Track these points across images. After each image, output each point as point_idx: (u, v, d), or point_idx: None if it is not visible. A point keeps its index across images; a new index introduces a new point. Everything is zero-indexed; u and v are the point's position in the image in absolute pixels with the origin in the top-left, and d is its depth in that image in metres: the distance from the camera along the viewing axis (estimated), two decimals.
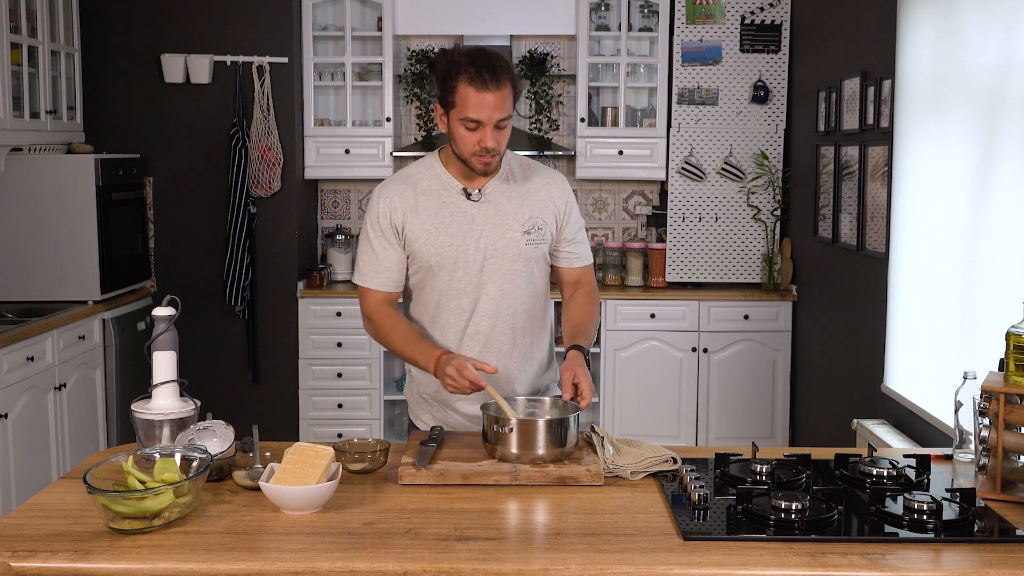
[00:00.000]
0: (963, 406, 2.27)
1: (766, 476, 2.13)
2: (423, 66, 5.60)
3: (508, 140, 2.45)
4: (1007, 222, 2.96)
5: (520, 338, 2.56)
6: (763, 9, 5.39)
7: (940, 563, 1.74)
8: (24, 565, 1.71)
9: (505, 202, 2.51)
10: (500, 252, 2.49)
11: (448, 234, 2.48)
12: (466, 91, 2.34)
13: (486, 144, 2.37)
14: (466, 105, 2.35)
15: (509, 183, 2.53)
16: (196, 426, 2.13)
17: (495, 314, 2.51)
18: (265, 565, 1.71)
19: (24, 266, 4.74)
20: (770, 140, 5.48)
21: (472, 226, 2.48)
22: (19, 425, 4.08)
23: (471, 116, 2.35)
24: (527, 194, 2.53)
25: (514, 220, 2.50)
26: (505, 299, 2.52)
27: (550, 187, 2.57)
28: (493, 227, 2.49)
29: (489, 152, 2.39)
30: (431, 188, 2.51)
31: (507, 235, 2.50)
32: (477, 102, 2.34)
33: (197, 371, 4.97)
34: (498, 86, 2.34)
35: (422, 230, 2.48)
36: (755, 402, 5.44)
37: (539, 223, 2.52)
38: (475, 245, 2.48)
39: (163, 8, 5.29)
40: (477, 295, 2.50)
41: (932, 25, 3.49)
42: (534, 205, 2.53)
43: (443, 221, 2.48)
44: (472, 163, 2.43)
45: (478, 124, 2.36)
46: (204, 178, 5.38)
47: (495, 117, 2.36)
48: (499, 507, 2.00)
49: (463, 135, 2.39)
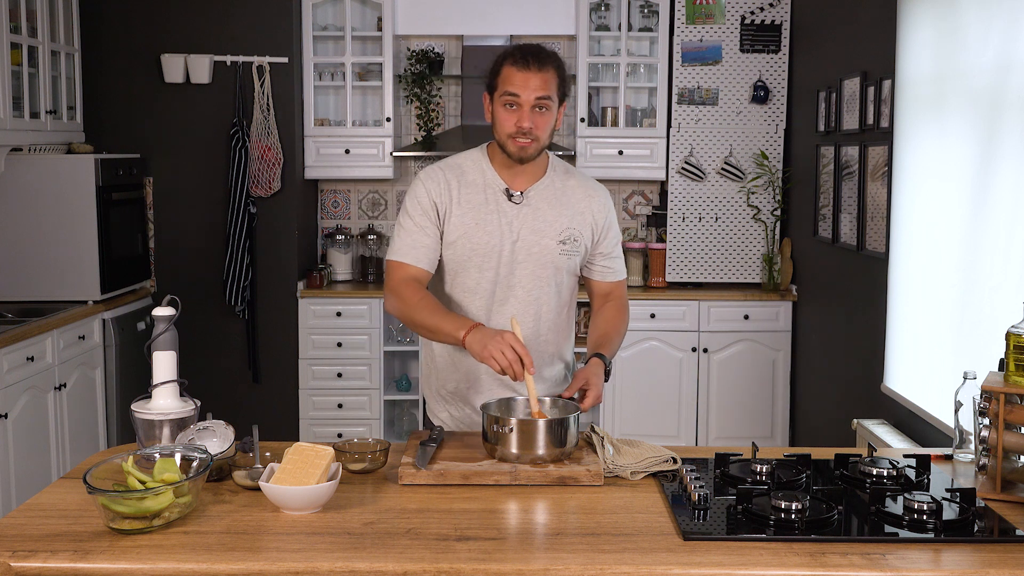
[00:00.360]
0: (963, 406, 2.27)
1: (766, 476, 2.13)
2: (423, 66, 5.60)
3: (550, 133, 2.44)
4: (1007, 222, 2.96)
5: (542, 345, 2.56)
6: (763, 9, 5.39)
7: (940, 563, 1.74)
8: (24, 565, 1.71)
9: (545, 208, 2.51)
10: (534, 257, 2.50)
11: (486, 232, 2.48)
12: (508, 70, 2.39)
13: (523, 124, 2.38)
14: (506, 81, 2.39)
15: (552, 189, 2.53)
16: (196, 426, 2.13)
17: (520, 316, 2.51)
18: (265, 565, 1.71)
19: (24, 266, 4.74)
20: (770, 140, 5.48)
21: (510, 228, 2.48)
22: (19, 425, 4.08)
23: (509, 90, 2.37)
24: (568, 203, 2.53)
25: (551, 228, 2.50)
26: (532, 304, 2.52)
27: (591, 199, 2.56)
28: (530, 232, 2.49)
29: (525, 134, 2.39)
30: (475, 182, 2.50)
31: (542, 241, 2.50)
32: (517, 78, 2.37)
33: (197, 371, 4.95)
34: (540, 68, 2.38)
35: (461, 223, 2.48)
36: (755, 402, 5.44)
37: (575, 234, 2.52)
38: (510, 247, 2.48)
39: (163, 8, 5.29)
40: (505, 296, 2.51)
41: (932, 25, 3.49)
42: (573, 216, 2.52)
43: (482, 218, 2.48)
44: (508, 146, 2.42)
45: (516, 101, 2.37)
46: (204, 178, 5.38)
47: (533, 95, 2.37)
48: (499, 507, 2.00)
49: (502, 116, 2.40)
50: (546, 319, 2.55)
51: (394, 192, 5.93)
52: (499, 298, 2.51)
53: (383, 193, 5.94)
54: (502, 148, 2.45)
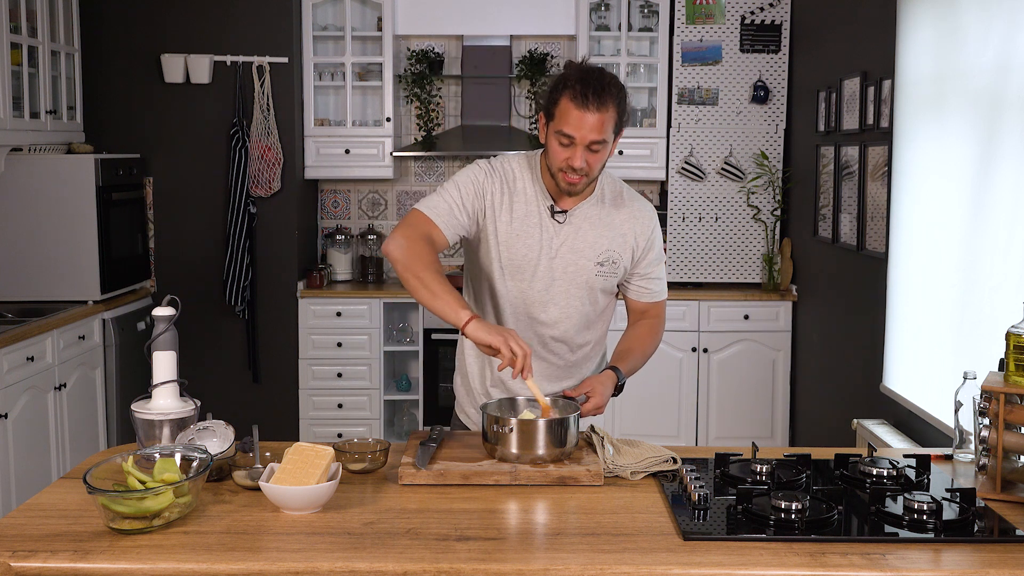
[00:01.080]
0: (963, 406, 2.27)
1: (766, 476, 2.13)
2: (423, 66, 5.60)
3: (603, 166, 2.41)
4: (1007, 222, 2.96)
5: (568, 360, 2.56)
6: (763, 9, 5.39)
7: (940, 563, 1.74)
8: (24, 565, 1.71)
9: (587, 228, 2.49)
10: (569, 276, 2.49)
11: (525, 244, 2.46)
12: (567, 106, 2.31)
13: (573, 163, 2.34)
14: (563, 120, 2.32)
15: (598, 209, 2.51)
16: (196, 426, 2.13)
17: (548, 332, 2.51)
18: (265, 565, 1.71)
19: (24, 266, 4.74)
20: (770, 140, 5.48)
21: (550, 244, 2.47)
22: (19, 425, 4.08)
23: (564, 131, 2.31)
24: (611, 225, 2.51)
25: (591, 249, 2.49)
26: (563, 322, 2.51)
27: (635, 221, 2.54)
28: (569, 251, 2.48)
29: (576, 172, 2.35)
30: (525, 192, 2.48)
31: (579, 262, 2.48)
32: (574, 119, 2.30)
33: (197, 371, 4.97)
34: (599, 108, 2.29)
35: (506, 231, 2.46)
36: (755, 402, 5.44)
37: (614, 256, 2.50)
38: (547, 263, 2.47)
39: (163, 8, 5.29)
40: (536, 311, 2.50)
41: (932, 25, 3.49)
42: (614, 238, 2.51)
43: (524, 230, 2.46)
44: (558, 179, 2.39)
45: (571, 141, 2.32)
46: (204, 178, 5.38)
47: (588, 137, 2.31)
48: (499, 507, 2.00)
49: (555, 149, 2.36)
50: (572, 338, 2.54)
51: (394, 192, 5.93)
52: (528, 311, 2.50)
53: (383, 193, 5.94)
54: (552, 177, 2.42)
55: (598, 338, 2.63)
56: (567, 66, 2.39)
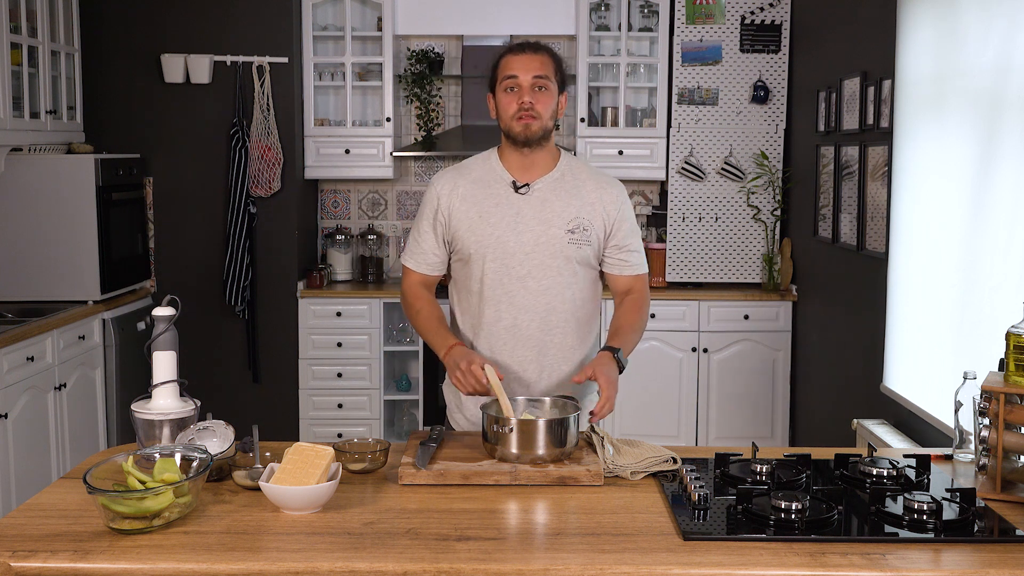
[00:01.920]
0: (963, 406, 2.27)
1: (766, 476, 2.13)
2: (423, 66, 5.60)
3: (552, 114, 2.50)
4: (1007, 222, 2.96)
5: (557, 337, 2.56)
6: (763, 9, 5.39)
7: (940, 563, 1.74)
8: (24, 565, 1.71)
9: (553, 199, 2.52)
10: (542, 248, 2.50)
11: (490, 224, 2.51)
12: (505, 60, 2.49)
13: (523, 99, 2.44)
14: (505, 68, 2.48)
15: (561, 181, 2.55)
16: (196, 426, 2.13)
17: (532, 308, 2.52)
18: (265, 565, 1.71)
19: (24, 266, 4.74)
20: (770, 140, 5.48)
21: (516, 218, 2.51)
22: (19, 425, 4.08)
23: (508, 73, 2.46)
24: (578, 195, 2.54)
25: (559, 217, 2.51)
26: (544, 295, 2.52)
27: (603, 191, 2.57)
28: (537, 222, 2.51)
29: (528, 111, 2.45)
30: (482, 178, 2.55)
31: (550, 231, 2.50)
32: (515, 62, 2.47)
33: (197, 371, 4.96)
34: (535, 52, 2.48)
35: (466, 217, 2.52)
36: (755, 402, 5.44)
37: (584, 224, 2.52)
38: (516, 238, 2.50)
39: (163, 8, 5.29)
40: (516, 287, 2.51)
41: (932, 25, 3.49)
42: (582, 206, 2.53)
43: (487, 211, 2.51)
44: (513, 128, 2.47)
45: (515, 83, 2.45)
46: (204, 178, 5.38)
47: (530, 74, 2.44)
48: (499, 507, 2.00)
49: (504, 100, 2.48)
50: (559, 312, 2.54)
51: (394, 192, 5.93)
52: (510, 290, 2.52)
53: (383, 193, 5.94)
54: (508, 135, 2.50)
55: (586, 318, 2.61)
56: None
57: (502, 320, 2.53)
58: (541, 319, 2.53)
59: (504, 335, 2.53)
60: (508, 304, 2.52)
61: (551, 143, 2.56)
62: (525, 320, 2.52)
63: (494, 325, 2.53)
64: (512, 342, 2.53)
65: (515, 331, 2.53)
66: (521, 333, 2.53)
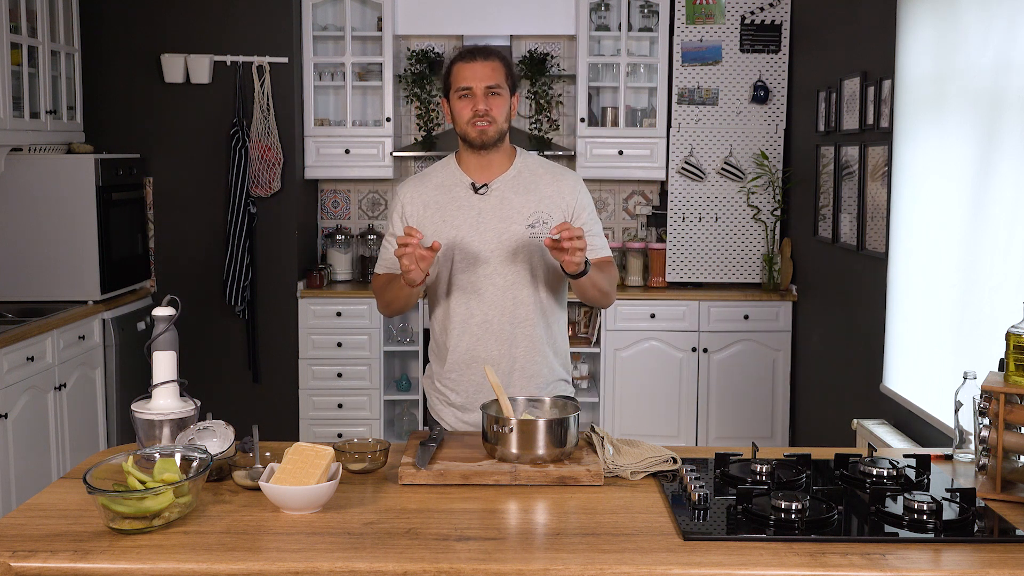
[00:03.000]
0: (963, 406, 2.27)
1: (766, 476, 2.13)
2: (423, 66, 5.60)
3: (507, 117, 2.54)
4: (1007, 222, 2.96)
5: (526, 330, 2.59)
6: (763, 9, 5.39)
7: (940, 563, 1.74)
8: (24, 565, 1.71)
9: (512, 196, 2.58)
10: (504, 245, 2.55)
11: (453, 226, 2.56)
12: (457, 68, 2.53)
13: (477, 107, 2.50)
14: (458, 78, 2.52)
15: (518, 179, 2.60)
16: (196, 426, 2.13)
17: (500, 304, 2.57)
18: (265, 565, 1.71)
19: (24, 266, 4.74)
20: (770, 140, 5.48)
21: (478, 219, 2.56)
22: (19, 425, 4.08)
23: (461, 84, 2.51)
24: (535, 190, 2.59)
25: (519, 214, 2.57)
26: (510, 290, 2.57)
27: (559, 183, 2.62)
28: (498, 220, 2.56)
29: (482, 116, 2.50)
30: (443, 184, 2.62)
31: (511, 228, 2.56)
32: (466, 72, 2.51)
33: (197, 371, 4.97)
34: (485, 59, 2.52)
35: (430, 223, 2.57)
36: (755, 402, 5.44)
37: (544, 217, 2.56)
38: (479, 237, 2.55)
39: (163, 8, 5.29)
40: (483, 284, 2.56)
41: (932, 25, 3.49)
42: (541, 200, 2.58)
43: (450, 214, 2.57)
44: (469, 133, 2.53)
45: (468, 92, 2.50)
46: (204, 178, 5.38)
47: (482, 84, 2.49)
48: (499, 507, 2.00)
49: (459, 108, 2.53)
50: (526, 305, 2.58)
51: (394, 192, 5.92)
52: (478, 288, 2.56)
53: (383, 193, 5.94)
54: (464, 140, 2.56)
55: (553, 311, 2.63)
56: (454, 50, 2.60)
57: (473, 317, 2.58)
58: (510, 313, 2.58)
59: (476, 330, 2.59)
60: (478, 301, 2.57)
61: (506, 143, 2.61)
62: (494, 315, 2.58)
63: (466, 322, 2.59)
64: (485, 337, 2.59)
65: (485, 326, 2.58)
66: (491, 328, 2.58)
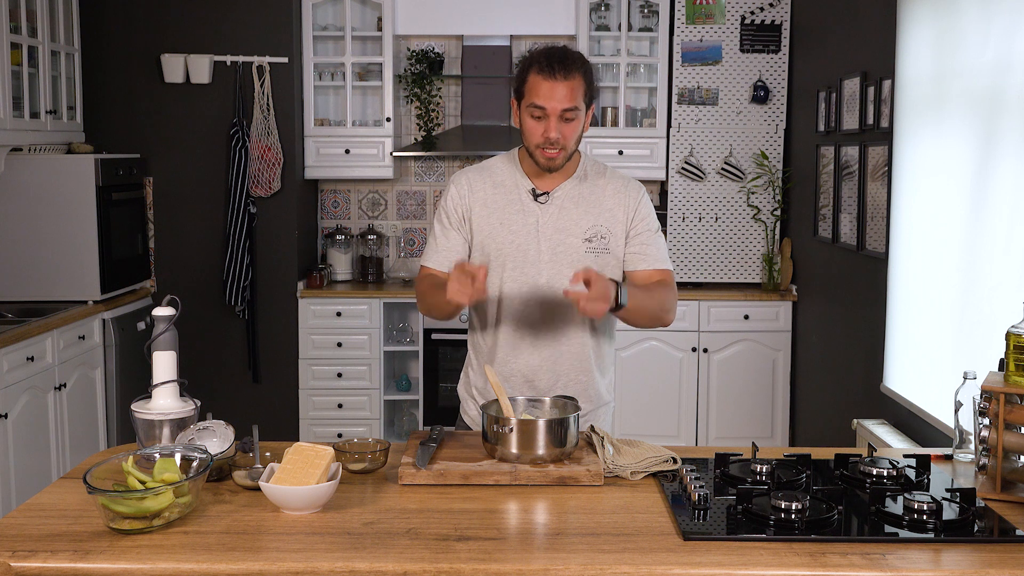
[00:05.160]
0: (963, 406, 2.27)
1: (766, 476, 2.13)
2: (423, 66, 5.60)
3: (578, 139, 2.45)
4: (1007, 222, 2.96)
5: (575, 347, 2.55)
6: (763, 9, 5.39)
7: (940, 563, 1.74)
8: (24, 565, 1.71)
9: (571, 207, 2.50)
10: (560, 257, 2.49)
11: (511, 231, 2.50)
12: (535, 80, 2.38)
13: (549, 134, 2.38)
14: (533, 93, 2.38)
15: (579, 189, 2.52)
16: (196, 426, 2.13)
17: (548, 316, 2.50)
18: (265, 565, 1.71)
19: (24, 266, 4.74)
20: (770, 140, 5.48)
21: (536, 227, 2.49)
22: (19, 425, 4.08)
23: (536, 103, 2.38)
24: (596, 202, 2.52)
25: (576, 227, 2.50)
26: (560, 303, 2.49)
27: (620, 195, 2.54)
28: (554, 231, 2.49)
29: (552, 144, 2.39)
30: (504, 183, 2.53)
31: (567, 240, 2.49)
32: (544, 90, 2.36)
33: (197, 371, 4.97)
34: (566, 76, 2.36)
35: (487, 224, 2.51)
36: (755, 402, 5.44)
37: (603, 232, 2.50)
38: (536, 247, 2.49)
39: (163, 8, 5.29)
40: (533, 295, 2.50)
41: (932, 25, 3.49)
42: (601, 213, 2.51)
43: (508, 218, 2.50)
44: (536, 156, 2.44)
45: (543, 113, 2.38)
46: (204, 178, 5.38)
47: (560, 107, 2.36)
48: (499, 507, 2.00)
49: (529, 126, 2.41)
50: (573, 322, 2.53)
51: (394, 192, 5.93)
52: (527, 298, 2.50)
53: (383, 193, 5.94)
54: (531, 156, 2.46)
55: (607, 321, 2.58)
56: (531, 50, 2.47)
57: (519, 327, 2.53)
58: (557, 327, 2.52)
59: (520, 341, 2.53)
60: (525, 311, 2.52)
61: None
62: (542, 327, 2.52)
63: (511, 332, 2.53)
64: (528, 348, 2.53)
65: (532, 337, 2.53)
66: (538, 340, 2.53)
